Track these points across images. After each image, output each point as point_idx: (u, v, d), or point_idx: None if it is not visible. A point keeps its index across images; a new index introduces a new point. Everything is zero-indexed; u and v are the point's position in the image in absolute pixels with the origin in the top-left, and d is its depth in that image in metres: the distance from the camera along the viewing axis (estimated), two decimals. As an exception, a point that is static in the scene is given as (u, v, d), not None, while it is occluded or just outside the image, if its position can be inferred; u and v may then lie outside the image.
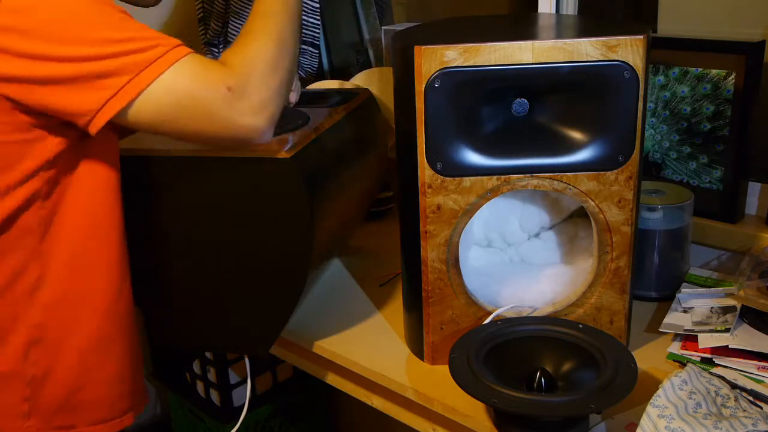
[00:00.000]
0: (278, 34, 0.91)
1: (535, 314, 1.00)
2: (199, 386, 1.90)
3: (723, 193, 1.23)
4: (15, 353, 0.92)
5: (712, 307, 1.06)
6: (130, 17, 0.85)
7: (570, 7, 1.42)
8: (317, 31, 1.79)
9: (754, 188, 1.25)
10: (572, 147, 0.93)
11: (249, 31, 0.91)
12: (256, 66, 0.87)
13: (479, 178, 0.93)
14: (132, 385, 1.02)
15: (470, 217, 0.95)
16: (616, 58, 0.88)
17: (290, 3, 0.93)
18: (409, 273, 1.01)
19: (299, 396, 1.96)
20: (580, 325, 0.93)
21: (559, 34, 0.94)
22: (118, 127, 0.89)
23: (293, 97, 1.13)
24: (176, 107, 0.84)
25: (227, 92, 0.84)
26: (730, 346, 0.97)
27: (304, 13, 1.75)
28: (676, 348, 1.01)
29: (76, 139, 0.88)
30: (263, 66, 0.87)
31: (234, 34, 1.77)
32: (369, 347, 1.07)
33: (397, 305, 1.17)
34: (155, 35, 0.84)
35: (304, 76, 1.85)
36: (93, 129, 0.83)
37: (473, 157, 0.92)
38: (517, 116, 0.95)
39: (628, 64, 0.88)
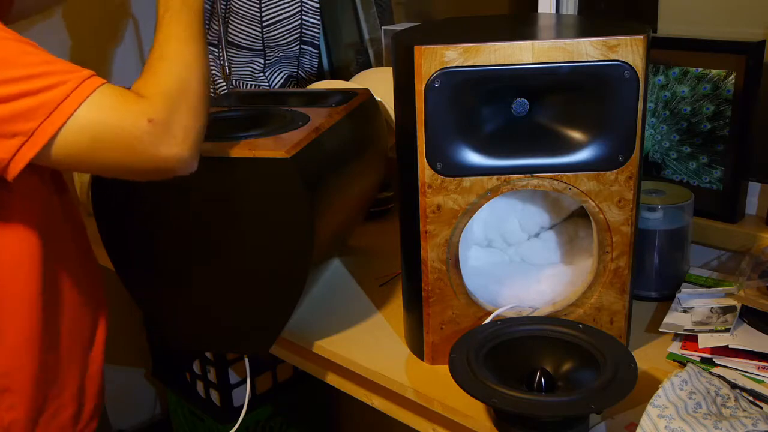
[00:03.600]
0: (189, 59, 0.89)
1: (535, 314, 1.00)
2: (199, 386, 1.90)
3: (723, 193, 1.23)
4: None
5: (712, 307, 1.06)
6: (33, 46, 0.81)
7: (570, 7, 1.42)
8: (317, 31, 1.79)
9: (754, 188, 1.25)
10: (572, 147, 0.93)
11: (159, 58, 0.88)
12: (173, 95, 0.84)
13: (479, 178, 0.93)
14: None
15: (470, 217, 0.95)
16: (616, 58, 0.88)
17: (194, 24, 0.91)
18: (409, 273, 1.01)
19: (299, 396, 1.96)
20: (580, 325, 0.93)
21: (559, 34, 0.94)
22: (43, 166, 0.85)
23: None
24: (95, 143, 0.81)
25: (148, 125, 0.81)
26: (730, 346, 0.97)
27: (304, 12, 1.75)
28: (676, 348, 1.01)
29: None
30: (181, 94, 0.85)
31: (234, 34, 1.78)
32: (369, 347, 1.07)
33: (397, 305, 1.17)
34: (64, 68, 0.80)
35: (304, 76, 1.85)
36: (10, 177, 0.80)
37: (473, 157, 0.92)
38: (517, 116, 0.95)
39: (628, 64, 0.88)
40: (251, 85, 1.82)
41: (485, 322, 0.98)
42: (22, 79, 0.78)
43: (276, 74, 1.82)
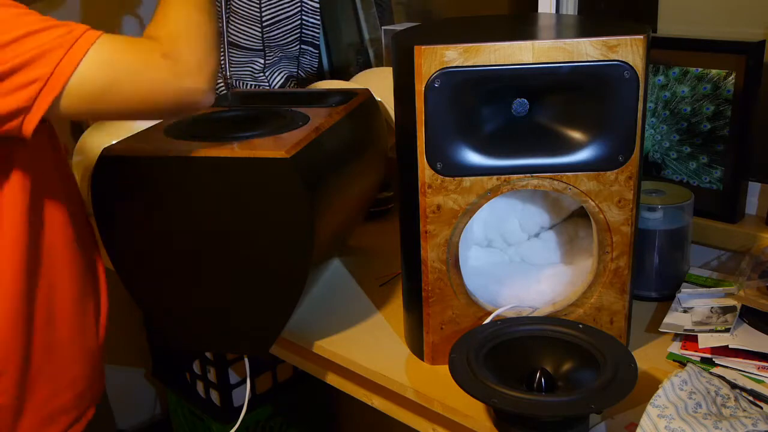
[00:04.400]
0: (196, 2, 0.90)
1: (535, 314, 1.00)
2: (199, 386, 1.90)
3: (723, 193, 1.23)
4: None
5: (712, 307, 1.06)
6: (34, 11, 0.82)
7: (570, 7, 1.42)
8: (317, 31, 1.79)
9: (754, 188, 1.25)
10: (572, 147, 0.93)
11: (166, 3, 0.90)
12: (181, 33, 0.86)
13: (479, 178, 0.93)
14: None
15: (470, 217, 0.95)
16: (616, 58, 0.88)
17: None
18: (409, 273, 1.01)
19: (299, 396, 1.96)
20: (580, 325, 0.93)
21: (559, 34, 0.94)
22: (46, 132, 0.86)
23: None
24: (113, 81, 0.82)
25: (162, 59, 0.83)
26: (730, 346, 0.97)
27: (304, 12, 1.75)
28: (676, 348, 1.01)
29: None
30: (189, 32, 0.87)
31: (234, 34, 1.78)
32: (369, 347, 1.07)
33: (397, 305, 1.17)
34: (68, 23, 0.81)
35: (304, 76, 1.85)
36: (28, 131, 0.81)
37: (473, 157, 0.92)
38: (517, 116, 0.95)
39: (628, 64, 0.88)
40: (251, 85, 1.82)
41: (485, 322, 0.98)
42: (30, 33, 0.78)
43: (276, 74, 1.82)
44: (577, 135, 0.93)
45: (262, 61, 1.80)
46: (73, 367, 1.01)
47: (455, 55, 0.88)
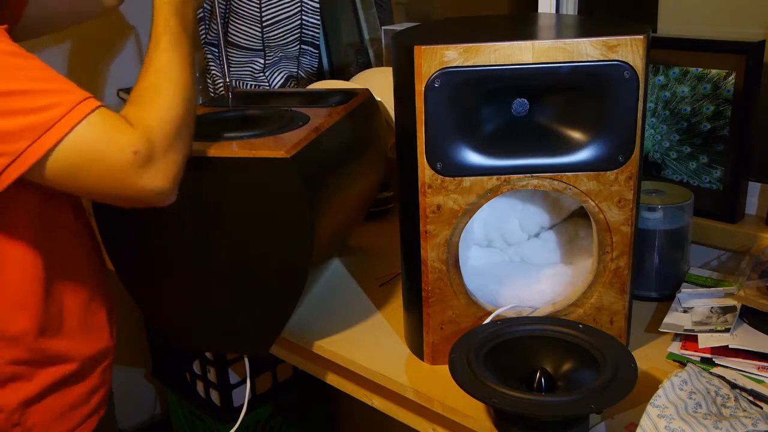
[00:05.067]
0: (183, 91, 0.90)
1: (535, 314, 1.00)
2: (199, 386, 1.90)
3: (723, 193, 1.23)
4: None
5: (712, 307, 1.06)
6: (31, 60, 0.81)
7: (570, 7, 1.42)
8: (317, 31, 1.79)
9: (754, 188, 1.25)
10: (572, 147, 0.93)
11: (154, 87, 0.89)
12: (163, 128, 0.86)
13: (479, 178, 0.93)
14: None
15: (470, 217, 0.95)
16: (616, 58, 0.88)
17: (190, 53, 0.93)
18: (409, 273, 1.01)
19: (299, 396, 1.96)
20: (580, 325, 0.93)
21: (559, 34, 0.94)
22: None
23: None
24: (80, 169, 0.82)
25: (133, 156, 0.82)
26: (730, 346, 0.97)
27: (304, 12, 1.75)
28: (676, 348, 1.01)
29: None
30: (170, 127, 0.87)
31: (234, 34, 1.78)
32: (369, 347, 1.07)
33: (397, 305, 1.17)
34: (59, 87, 0.81)
35: (304, 76, 1.85)
36: None
37: (473, 157, 0.92)
38: (517, 116, 0.95)
39: (628, 64, 0.88)
40: (251, 85, 1.82)
41: (485, 322, 0.98)
42: (15, 95, 0.78)
43: (276, 74, 1.82)
44: (577, 135, 0.93)
45: (262, 61, 1.80)
46: (86, 366, 1.03)
47: (455, 55, 0.88)
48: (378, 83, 1.55)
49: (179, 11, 0.94)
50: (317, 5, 1.76)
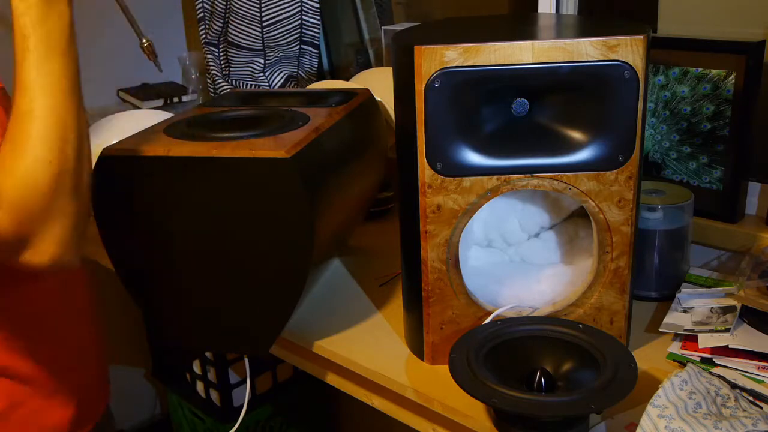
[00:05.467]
0: (53, 139, 0.71)
1: (535, 314, 1.00)
2: (199, 386, 1.90)
3: (723, 193, 1.23)
4: None
5: (712, 307, 1.06)
6: None
7: (570, 7, 1.42)
8: (317, 31, 1.79)
9: (754, 188, 1.25)
10: (572, 147, 0.93)
11: (12, 142, 0.71)
12: (26, 202, 0.69)
13: (479, 178, 0.93)
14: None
15: (470, 217, 0.95)
16: (616, 58, 0.88)
17: (61, 72, 0.73)
18: (409, 273, 1.01)
19: (299, 396, 1.96)
20: (580, 325, 0.93)
21: (559, 34, 0.94)
22: None
23: None
24: None
25: None
26: (730, 346, 0.97)
27: (304, 12, 1.75)
28: (676, 348, 1.01)
29: None
30: (36, 198, 0.70)
31: (234, 34, 1.78)
32: (369, 347, 1.07)
33: (397, 305, 1.17)
34: None
35: (304, 76, 1.85)
36: None
37: (473, 157, 0.92)
38: (517, 116, 0.95)
39: (628, 64, 0.88)
40: (251, 85, 1.82)
41: (485, 322, 0.98)
42: None
43: (276, 74, 1.82)
44: (577, 135, 0.93)
45: (262, 61, 1.80)
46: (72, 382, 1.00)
47: (455, 55, 0.88)
48: (378, 83, 1.55)
49: (43, 20, 0.72)
50: (317, 5, 1.76)
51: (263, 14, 1.73)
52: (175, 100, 1.98)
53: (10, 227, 0.69)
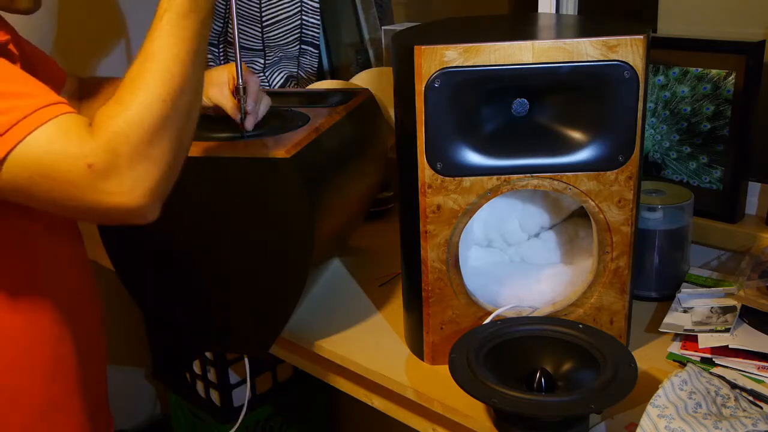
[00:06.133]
0: (175, 86, 0.75)
1: (535, 314, 1.00)
2: (199, 386, 1.90)
3: (723, 193, 1.23)
4: None
5: (712, 307, 1.06)
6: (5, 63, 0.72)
7: (570, 7, 1.42)
8: (317, 31, 1.79)
9: (754, 188, 1.25)
10: (572, 147, 0.93)
11: (131, 81, 0.74)
12: (129, 134, 0.72)
13: (479, 178, 0.93)
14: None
15: (470, 217, 0.95)
16: (616, 58, 0.88)
17: (195, 36, 0.77)
18: (409, 273, 1.01)
19: (299, 396, 1.96)
20: (580, 325, 0.93)
21: (559, 34, 0.94)
22: None
23: (255, 108, 1.04)
24: (33, 182, 0.72)
25: (87, 170, 0.70)
26: (730, 346, 0.97)
27: (304, 12, 1.75)
28: (676, 348, 1.01)
29: None
30: (140, 133, 0.72)
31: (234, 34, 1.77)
32: (369, 347, 1.07)
33: (397, 305, 1.17)
34: (18, 91, 0.72)
35: (304, 76, 1.85)
36: None
37: (473, 157, 0.92)
38: (517, 116, 0.95)
39: (628, 64, 0.88)
40: (251, 85, 1.82)
41: (485, 322, 0.98)
42: None
43: (276, 74, 1.82)
44: (577, 135, 0.93)
45: (262, 61, 1.80)
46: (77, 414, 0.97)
47: (455, 55, 0.88)
48: (378, 83, 1.56)
49: None
50: (317, 5, 1.76)
51: (263, 14, 1.73)
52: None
53: (100, 157, 0.71)
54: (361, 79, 1.62)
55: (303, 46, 1.80)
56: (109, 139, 0.71)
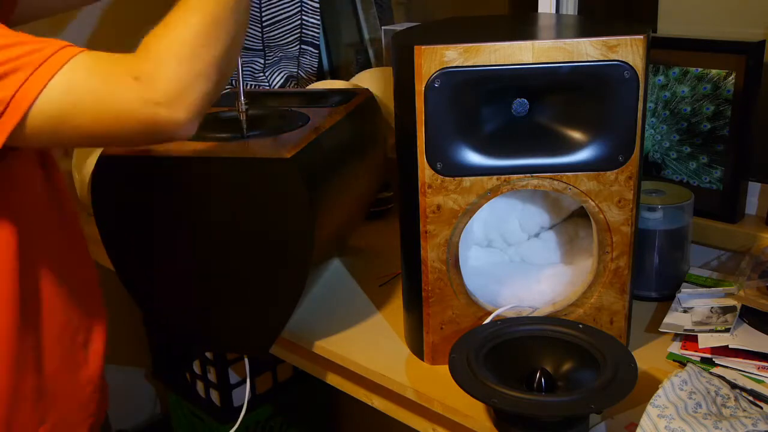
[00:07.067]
0: (214, 5, 0.76)
1: (535, 314, 1.00)
2: (199, 386, 1.90)
3: (723, 193, 1.23)
4: None
5: (712, 307, 1.06)
6: (3, 27, 0.74)
7: (570, 7, 1.42)
8: (317, 31, 1.79)
9: (754, 188, 1.25)
10: (572, 147, 0.93)
11: (180, 4, 0.77)
12: (171, 48, 0.73)
13: (479, 178, 0.93)
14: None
15: (470, 217, 0.95)
16: (616, 58, 0.88)
17: None
18: (409, 273, 1.01)
19: (299, 396, 1.96)
20: (580, 325, 0.93)
21: (559, 34, 0.94)
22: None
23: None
24: (76, 108, 0.73)
25: (133, 82, 0.72)
26: (730, 346, 0.97)
27: (304, 12, 1.75)
28: (676, 348, 1.01)
29: None
30: (181, 48, 0.74)
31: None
32: (369, 347, 1.07)
33: (397, 305, 1.17)
34: (38, 39, 0.73)
35: (304, 76, 1.85)
36: None
37: (473, 157, 0.92)
38: (517, 116, 0.95)
39: (628, 64, 0.88)
40: (251, 85, 1.82)
41: (485, 322, 0.98)
42: None
43: (276, 74, 1.82)
44: (577, 135, 0.93)
45: (262, 61, 1.80)
46: (65, 404, 0.97)
47: (455, 55, 0.88)
48: (378, 83, 1.55)
49: None
50: (317, 5, 1.76)
51: (263, 14, 1.73)
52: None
53: (144, 69, 0.72)
54: (361, 79, 1.62)
55: (303, 46, 1.80)
56: (155, 54, 0.73)
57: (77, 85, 0.73)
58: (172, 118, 0.74)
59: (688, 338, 1.01)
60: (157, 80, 0.73)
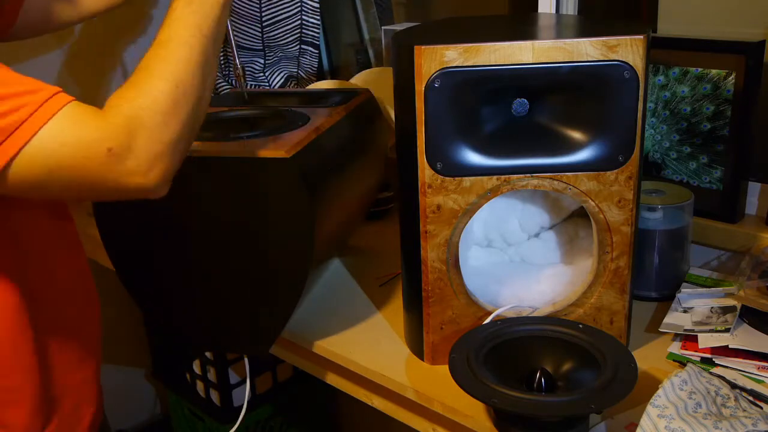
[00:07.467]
0: (180, 71, 0.77)
1: (535, 314, 1.00)
2: (199, 386, 1.90)
3: (723, 193, 1.23)
4: None
5: (712, 307, 1.06)
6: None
7: (570, 7, 1.42)
8: (317, 31, 1.79)
9: (754, 188, 1.25)
10: (572, 147, 0.93)
11: (145, 67, 0.78)
12: (144, 118, 0.74)
13: (479, 178, 0.93)
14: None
15: (470, 217, 0.95)
16: (616, 58, 0.88)
17: (209, 23, 0.80)
18: (409, 273, 1.01)
19: (299, 396, 1.96)
20: (580, 325, 0.93)
21: (559, 34, 0.94)
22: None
23: None
24: (52, 171, 0.73)
25: (107, 154, 0.73)
26: (730, 346, 0.97)
27: (304, 12, 1.75)
28: (676, 348, 1.01)
29: None
30: (154, 117, 0.75)
31: (234, 34, 1.78)
32: (369, 347, 1.07)
33: (397, 305, 1.17)
34: (24, 89, 0.73)
35: (304, 76, 1.85)
36: None
37: (473, 157, 0.92)
38: (517, 116, 0.95)
39: (628, 64, 0.88)
40: (251, 85, 1.82)
41: (485, 322, 0.98)
42: None
43: (276, 74, 1.82)
44: (577, 135, 0.93)
45: (262, 61, 1.80)
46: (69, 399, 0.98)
47: (455, 55, 0.88)
48: (378, 83, 1.56)
49: None
50: (317, 5, 1.76)
51: (263, 14, 1.73)
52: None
53: (117, 140, 0.73)
54: (361, 79, 1.62)
55: (303, 46, 1.80)
56: (127, 123, 0.74)
57: (53, 150, 0.73)
58: (144, 185, 0.76)
59: (688, 338, 1.01)
60: (130, 151, 0.74)
